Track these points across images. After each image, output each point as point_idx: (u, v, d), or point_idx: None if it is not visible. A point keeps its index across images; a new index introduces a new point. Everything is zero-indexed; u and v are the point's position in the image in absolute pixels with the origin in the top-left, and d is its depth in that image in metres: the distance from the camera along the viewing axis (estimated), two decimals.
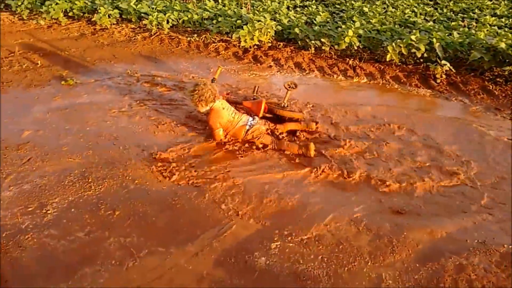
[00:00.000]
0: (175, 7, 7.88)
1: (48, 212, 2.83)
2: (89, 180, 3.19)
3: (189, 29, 7.57)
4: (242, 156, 3.62)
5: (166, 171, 3.36)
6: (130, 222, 2.79)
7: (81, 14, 8.12)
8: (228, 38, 6.95)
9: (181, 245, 2.61)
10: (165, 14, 7.41)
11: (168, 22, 7.39)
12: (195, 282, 2.36)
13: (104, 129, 3.99)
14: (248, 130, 3.85)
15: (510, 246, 2.66)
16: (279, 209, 2.98)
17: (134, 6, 7.82)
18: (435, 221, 2.87)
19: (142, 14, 7.79)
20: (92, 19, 7.75)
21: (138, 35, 7.17)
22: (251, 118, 3.93)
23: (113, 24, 7.73)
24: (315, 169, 3.42)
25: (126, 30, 7.47)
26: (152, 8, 7.85)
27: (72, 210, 2.87)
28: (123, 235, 2.67)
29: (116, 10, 7.75)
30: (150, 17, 7.32)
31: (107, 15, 7.62)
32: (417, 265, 2.52)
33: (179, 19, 7.57)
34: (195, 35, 7.13)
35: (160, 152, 3.60)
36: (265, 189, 3.17)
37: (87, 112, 4.34)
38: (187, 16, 7.49)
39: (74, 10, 7.97)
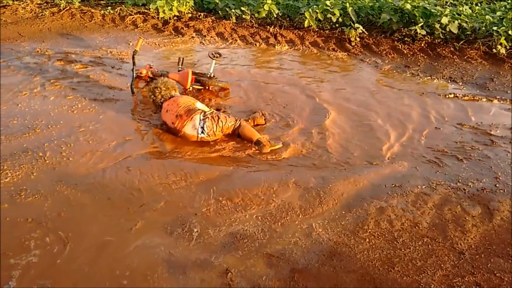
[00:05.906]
0: None
1: None
2: (5, 168, 2.96)
3: (102, 2, 7.13)
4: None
5: None
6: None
7: None
8: (145, 10, 6.67)
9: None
10: None
11: None
12: None
13: (16, 113, 3.68)
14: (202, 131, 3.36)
15: (423, 186, 2.95)
16: None
17: None
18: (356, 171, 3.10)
19: None
20: None
21: (46, 11, 6.61)
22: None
23: (16, 0, 7.04)
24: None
25: (31, 6, 6.84)
26: None
27: None
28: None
29: None
30: None
31: None
32: (343, 212, 2.71)
33: None
34: (109, 8, 6.74)
35: None
36: None
37: None
38: None
39: None
